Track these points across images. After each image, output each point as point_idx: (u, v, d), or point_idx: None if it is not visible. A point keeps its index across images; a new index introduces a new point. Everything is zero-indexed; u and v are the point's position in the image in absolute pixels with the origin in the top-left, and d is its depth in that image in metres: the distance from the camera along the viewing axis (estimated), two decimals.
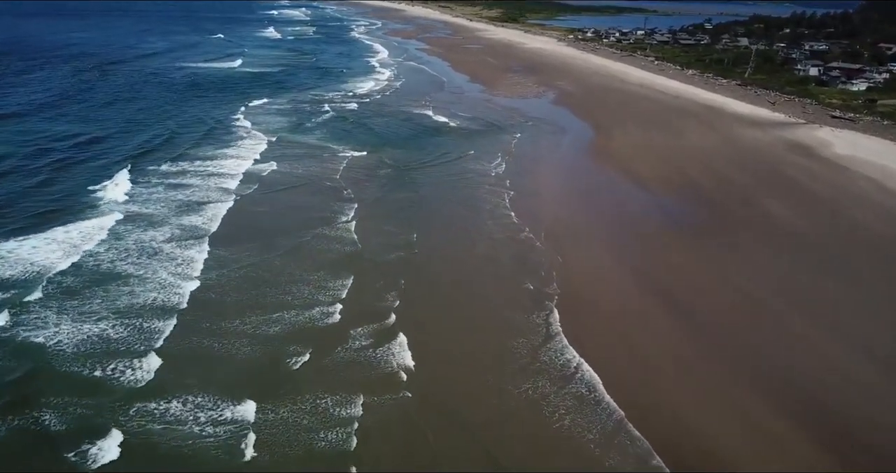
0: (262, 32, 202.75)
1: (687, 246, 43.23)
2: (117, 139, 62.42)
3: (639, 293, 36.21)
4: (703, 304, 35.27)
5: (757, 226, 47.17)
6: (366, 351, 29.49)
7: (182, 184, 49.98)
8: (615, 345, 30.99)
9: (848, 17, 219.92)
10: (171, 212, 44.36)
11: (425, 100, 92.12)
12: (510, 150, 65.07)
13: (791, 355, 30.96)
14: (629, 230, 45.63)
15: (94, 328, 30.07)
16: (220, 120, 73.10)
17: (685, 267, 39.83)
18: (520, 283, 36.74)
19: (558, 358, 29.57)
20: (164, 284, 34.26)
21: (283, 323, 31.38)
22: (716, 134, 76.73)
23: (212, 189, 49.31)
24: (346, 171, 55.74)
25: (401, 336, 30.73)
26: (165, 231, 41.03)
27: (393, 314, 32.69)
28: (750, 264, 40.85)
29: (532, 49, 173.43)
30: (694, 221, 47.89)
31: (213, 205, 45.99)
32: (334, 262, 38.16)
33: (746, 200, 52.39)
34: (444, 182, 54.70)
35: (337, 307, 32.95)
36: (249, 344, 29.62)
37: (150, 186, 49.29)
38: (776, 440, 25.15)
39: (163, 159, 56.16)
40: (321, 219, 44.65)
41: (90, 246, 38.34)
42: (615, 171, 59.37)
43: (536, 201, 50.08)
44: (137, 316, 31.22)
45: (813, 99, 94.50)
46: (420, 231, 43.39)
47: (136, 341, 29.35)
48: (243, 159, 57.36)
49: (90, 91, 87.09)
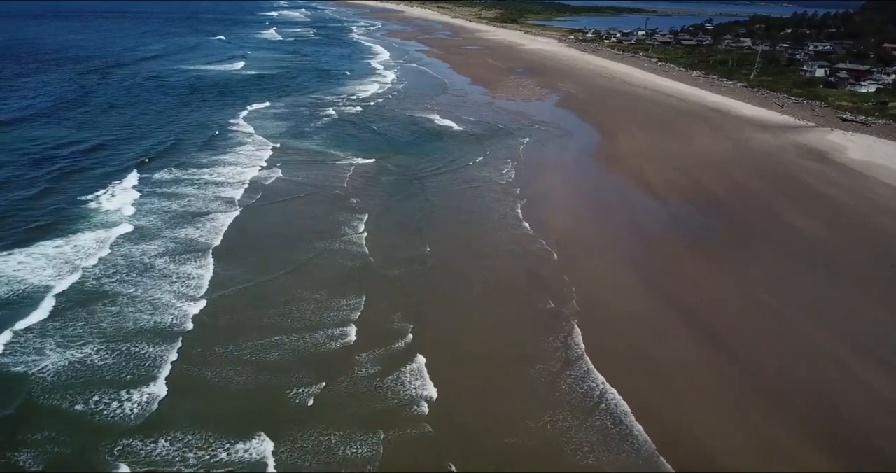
0: (263, 34, 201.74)
1: (704, 257, 41.70)
2: (115, 147, 60.74)
3: (659, 310, 34.64)
4: (726, 322, 33.71)
5: (775, 236, 45.65)
6: (383, 380, 27.74)
7: (181, 194, 48.29)
8: (639, 369, 29.42)
9: (849, 18, 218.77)
10: (170, 224, 42.61)
11: (428, 103, 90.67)
12: (518, 156, 63.57)
13: (822, 378, 29.40)
14: (644, 241, 44.08)
15: (85, 356, 28.16)
16: (222, 125, 71.52)
17: (704, 280, 38.28)
18: (538, 301, 35.14)
19: (581, 385, 28.00)
20: (163, 306, 32.41)
21: (292, 348, 29.64)
22: (725, 138, 75.24)
23: (213, 199, 47.66)
24: (353, 180, 54.13)
25: (419, 359, 29.11)
26: (163, 246, 39.23)
27: (410, 335, 31.05)
28: (771, 276, 39.32)
29: (533, 50, 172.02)
30: (709, 231, 46.35)
31: (215, 216, 44.35)
32: (345, 279, 36.51)
33: (762, 209, 50.88)
34: (453, 190, 53.09)
35: (350, 329, 31.30)
36: (256, 373, 27.83)
37: (148, 196, 47.60)
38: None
39: (161, 167, 54.54)
40: (329, 232, 42.98)
41: (82, 262, 36.54)
42: (625, 178, 57.83)
43: (548, 210, 48.52)
44: (132, 343, 29.33)
45: (822, 101, 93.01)
46: (432, 243, 41.81)
47: (133, 371, 27.48)
48: (246, 167, 55.81)
49: (88, 96, 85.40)
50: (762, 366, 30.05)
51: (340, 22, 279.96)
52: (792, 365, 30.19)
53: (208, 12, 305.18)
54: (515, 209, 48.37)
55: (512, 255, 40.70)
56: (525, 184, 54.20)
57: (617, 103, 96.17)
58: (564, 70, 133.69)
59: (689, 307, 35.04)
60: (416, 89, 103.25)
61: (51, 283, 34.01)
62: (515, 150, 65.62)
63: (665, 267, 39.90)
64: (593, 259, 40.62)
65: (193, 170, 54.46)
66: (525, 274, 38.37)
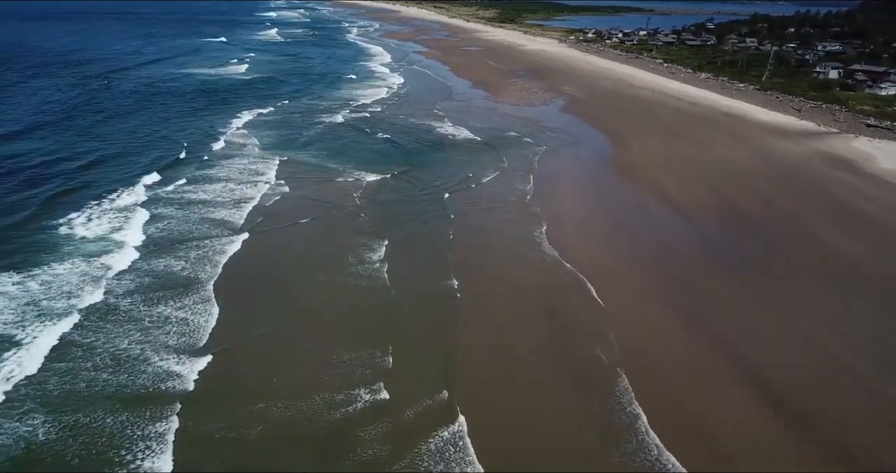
0: (262, 35, 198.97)
1: (744, 287, 37.56)
2: (102, 164, 56.29)
3: (706, 357, 30.53)
4: (781, 370, 29.59)
5: (816, 261, 41.54)
6: (422, 455, 23.57)
7: (173, 217, 44.02)
8: (692, 430, 25.35)
9: (853, 16, 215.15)
10: (161, 255, 38.17)
11: (431, 109, 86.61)
12: (532, 167, 59.68)
13: (887, 433, 25.47)
14: (678, 270, 39.84)
15: (70, 422, 23.88)
16: (218, 135, 67.44)
17: (750, 318, 34.12)
18: (580, 346, 31.08)
19: (636, 450, 23.93)
20: (156, 366, 27.57)
21: (314, 415, 25.27)
22: (744, 145, 71.23)
23: (213, 222, 43.34)
24: (364, 200, 49.80)
25: (460, 421, 25.16)
26: (151, 284, 34.71)
27: (445, 392, 27.00)
28: (821, 312, 35.24)
29: (534, 51, 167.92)
30: (744, 256, 42.21)
31: (215, 244, 39.90)
32: (366, 321, 32.43)
33: (797, 228, 46.80)
34: (473, 211, 48.51)
35: (379, 385, 27.20)
36: (270, 449, 23.52)
37: (139, 219, 43.38)
38: None
39: (156, 187, 50.20)
40: (344, 262, 38.65)
41: (53, 303, 32.10)
42: (646, 193, 53.68)
43: (573, 234, 44.27)
44: (120, 411, 24.87)
45: (842, 105, 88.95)
46: (459, 275, 37.63)
47: (123, 448, 23.11)
48: (247, 183, 51.54)
49: (86, 105, 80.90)
50: (827, 427, 26.00)
51: (338, 22, 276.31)
52: (856, 421, 26.21)
53: (205, 13, 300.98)
54: (540, 232, 44.21)
55: (547, 290, 36.51)
56: (544, 202, 50.05)
57: (625, 107, 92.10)
58: (567, 72, 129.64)
59: (739, 351, 30.94)
60: (417, 94, 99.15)
61: (13, 332, 29.65)
62: (529, 163, 61.39)
63: (705, 303, 35.69)
64: (628, 293, 36.45)
65: (189, 187, 50.24)
66: (561, 311, 34.32)
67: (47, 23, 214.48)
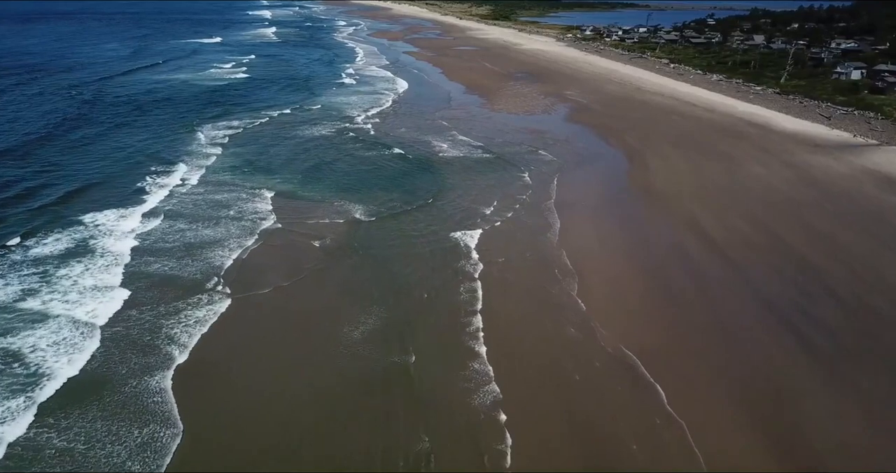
0: (252, 35, 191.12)
1: (830, 380, 28.54)
2: (24, 198, 47.64)
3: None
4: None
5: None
6: None
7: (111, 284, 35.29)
8: None
9: (857, 11, 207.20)
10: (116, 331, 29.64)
11: (423, 121, 77.90)
12: (550, 194, 51.74)
13: None
14: (732, 342, 31.19)
15: None
16: (192, 155, 58.56)
17: (848, 434, 25.56)
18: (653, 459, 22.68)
19: None
20: None
21: None
22: (776, 161, 62.86)
23: (187, 283, 34.66)
24: (364, 246, 41.19)
25: None
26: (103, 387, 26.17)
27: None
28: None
29: (531, 51, 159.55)
30: (819, 327, 32.83)
31: (177, 325, 31.25)
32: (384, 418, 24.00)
33: (875, 282, 37.92)
34: (497, 266, 38.71)
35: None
36: None
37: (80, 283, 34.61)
38: None
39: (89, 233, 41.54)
40: (351, 348, 30.04)
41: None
42: (680, 230, 45.00)
43: (611, 295, 35.63)
44: None
45: (876, 111, 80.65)
46: (491, 348, 29.83)
47: None
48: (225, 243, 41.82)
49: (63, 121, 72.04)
50: None
51: (332, 21, 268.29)
52: None
53: (194, 13, 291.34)
54: (572, 293, 35.72)
55: (592, 372, 28.28)
56: (571, 248, 41.38)
57: (636, 115, 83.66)
58: (569, 74, 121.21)
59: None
60: (406, 102, 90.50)
61: None
62: (547, 188, 52.88)
63: (781, 403, 27.07)
64: (693, 385, 27.93)
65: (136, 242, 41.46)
66: (610, 397, 25.84)
67: (32, 25, 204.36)
